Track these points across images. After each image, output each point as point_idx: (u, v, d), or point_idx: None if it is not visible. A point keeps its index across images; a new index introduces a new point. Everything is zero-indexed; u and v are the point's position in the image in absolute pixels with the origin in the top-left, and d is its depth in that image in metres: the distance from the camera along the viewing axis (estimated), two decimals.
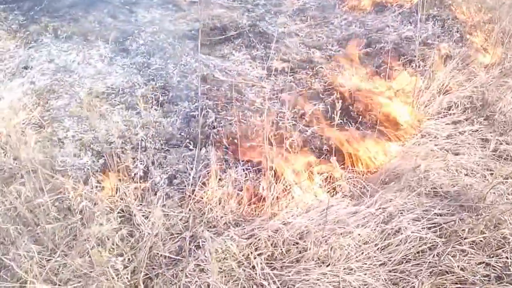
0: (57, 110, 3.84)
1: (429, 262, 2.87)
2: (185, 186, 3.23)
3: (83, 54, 4.49)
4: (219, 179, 3.24)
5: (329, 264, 2.85)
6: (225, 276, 2.75)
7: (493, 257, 2.90)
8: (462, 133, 3.95)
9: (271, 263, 2.86)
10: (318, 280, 2.77)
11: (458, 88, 4.32)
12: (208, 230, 2.94)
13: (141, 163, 3.37)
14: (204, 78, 4.21)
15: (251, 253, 2.86)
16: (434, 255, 2.90)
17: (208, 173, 3.27)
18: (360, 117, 3.99)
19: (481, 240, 2.97)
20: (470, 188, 3.32)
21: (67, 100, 3.94)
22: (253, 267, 2.81)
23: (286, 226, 2.96)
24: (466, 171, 3.54)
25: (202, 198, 3.12)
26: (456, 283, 2.79)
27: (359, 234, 2.94)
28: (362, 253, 2.92)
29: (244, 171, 3.36)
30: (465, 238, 2.96)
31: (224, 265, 2.78)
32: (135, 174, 3.28)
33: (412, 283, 2.78)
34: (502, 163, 3.66)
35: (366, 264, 2.87)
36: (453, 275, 2.81)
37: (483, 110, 4.14)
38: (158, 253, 2.79)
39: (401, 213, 3.11)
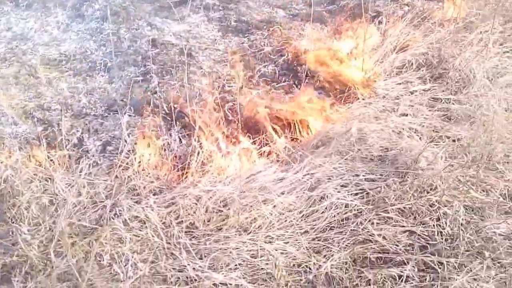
0: (6, 78, 3.61)
1: (352, 230, 2.61)
2: (118, 153, 2.99)
3: (40, 22, 4.22)
4: (151, 145, 3.00)
5: (250, 232, 2.62)
6: (141, 245, 2.54)
7: (419, 225, 2.63)
8: (413, 93, 3.61)
9: (192, 232, 2.64)
10: (236, 248, 2.54)
11: (414, 45, 3.94)
12: (131, 198, 2.72)
13: (77, 131, 3.15)
14: (154, 42, 3.92)
15: (171, 222, 2.64)
16: (357, 223, 2.64)
17: (139, 139, 3.03)
18: (308, 78, 3.67)
19: (410, 207, 2.69)
20: (409, 151, 3.01)
21: (17, 68, 3.70)
22: (172, 236, 2.60)
23: (208, 193, 2.73)
24: (410, 133, 3.23)
25: (130, 166, 2.88)
26: (379, 252, 2.53)
27: (281, 202, 2.69)
28: (286, 220, 2.68)
29: (178, 136, 3.11)
30: (392, 205, 2.68)
31: (142, 234, 2.57)
32: (69, 142, 3.06)
33: (334, 251, 2.54)
34: (451, 124, 3.33)
35: (288, 232, 2.63)
36: (375, 244, 2.56)
37: (438, 67, 3.77)
38: (76, 222, 2.58)
39: (329, 179, 2.83)
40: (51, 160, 2.88)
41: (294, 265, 2.51)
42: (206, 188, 2.71)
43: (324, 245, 2.58)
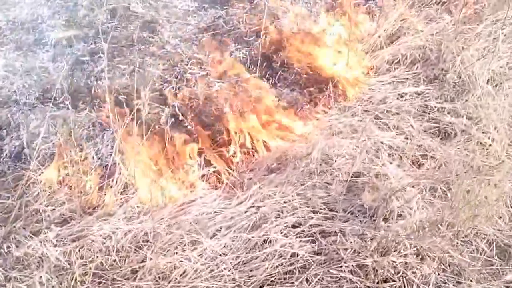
0: None
1: None
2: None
3: None
4: (73, 152, 2.20)
5: (170, 281, 1.87)
6: None
7: None
8: (403, 96, 2.70)
9: (100, 275, 1.90)
10: None
11: (411, 35, 2.96)
12: (31, 227, 1.96)
13: None
14: (113, 13, 3.01)
15: (75, 262, 1.89)
16: (303, 279, 1.87)
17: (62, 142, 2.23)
18: (283, 69, 2.77)
19: (367, 265, 1.88)
20: (384, 181, 2.17)
21: None
22: (75, 279, 1.87)
23: (124, 228, 1.96)
24: (389, 152, 2.37)
25: (39, 181, 2.09)
26: None
27: (211, 245, 1.91)
28: (217, 268, 1.91)
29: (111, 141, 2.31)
30: (346, 262, 1.88)
31: (33, 279, 1.84)
32: None
33: None
34: (441, 142, 2.45)
35: (217, 284, 1.87)
36: None
37: (436, 66, 2.82)
38: None
39: (278, 215, 2.03)
40: None
41: None
42: (120, 223, 1.93)
43: None
